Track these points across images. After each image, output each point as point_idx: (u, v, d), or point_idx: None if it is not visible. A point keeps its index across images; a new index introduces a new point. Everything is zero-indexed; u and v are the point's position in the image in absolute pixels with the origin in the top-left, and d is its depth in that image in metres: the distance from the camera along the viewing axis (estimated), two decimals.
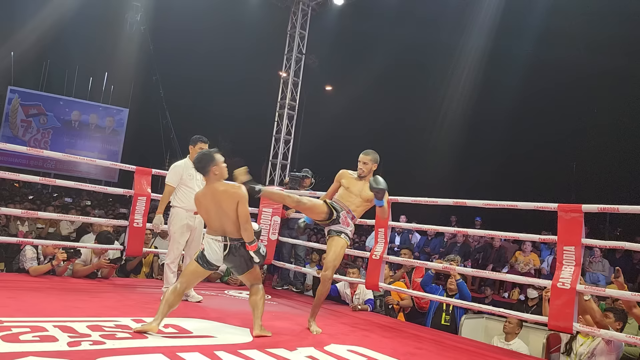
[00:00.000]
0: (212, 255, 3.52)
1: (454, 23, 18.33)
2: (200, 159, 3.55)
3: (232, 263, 3.57)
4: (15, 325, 3.01)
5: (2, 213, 7.35)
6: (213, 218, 3.54)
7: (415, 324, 5.19)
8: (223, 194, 3.50)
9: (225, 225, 3.51)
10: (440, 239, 9.89)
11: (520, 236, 4.73)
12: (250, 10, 13.95)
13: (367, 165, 4.19)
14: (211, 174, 3.52)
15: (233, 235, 3.52)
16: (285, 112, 12.51)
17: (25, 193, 14.60)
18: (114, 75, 21.02)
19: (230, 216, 3.49)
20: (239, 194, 3.50)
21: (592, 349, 4.05)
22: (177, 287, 3.49)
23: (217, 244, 3.51)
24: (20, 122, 19.14)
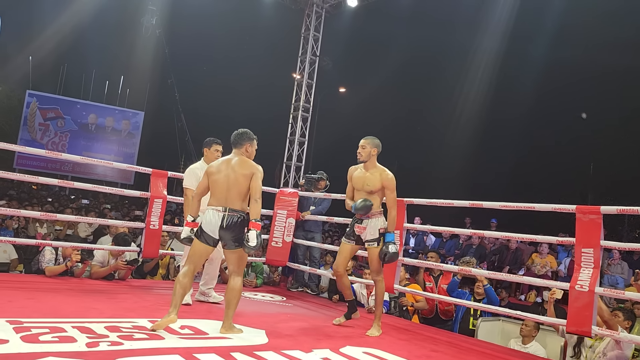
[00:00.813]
0: (208, 225, 3.55)
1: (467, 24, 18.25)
2: (241, 133, 3.77)
3: (225, 236, 3.55)
4: (35, 326, 3.05)
5: (22, 215, 7.46)
6: (220, 186, 3.59)
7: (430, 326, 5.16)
8: (241, 161, 3.66)
9: (230, 194, 3.56)
10: (455, 240, 9.83)
11: (537, 238, 4.68)
12: (264, 14, 14.03)
13: (366, 149, 4.12)
14: (243, 149, 3.74)
15: (233, 207, 3.55)
16: (299, 114, 12.54)
17: (44, 195, 14.80)
18: (130, 79, 21.26)
19: (239, 183, 3.57)
20: (256, 167, 3.67)
21: (603, 349, 4.01)
22: (185, 270, 3.58)
23: (216, 213, 3.54)
24: (38, 126, 19.42)
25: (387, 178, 4.09)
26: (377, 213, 4.11)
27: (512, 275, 6.42)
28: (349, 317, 4.32)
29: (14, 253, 6.34)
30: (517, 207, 4.42)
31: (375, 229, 4.08)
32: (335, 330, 4.09)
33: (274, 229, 6.09)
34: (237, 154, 3.74)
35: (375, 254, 4.05)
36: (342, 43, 17.35)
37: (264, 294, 5.75)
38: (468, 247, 9.38)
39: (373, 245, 4.08)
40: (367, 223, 4.11)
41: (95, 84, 20.67)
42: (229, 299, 3.57)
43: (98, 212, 10.55)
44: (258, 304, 5.08)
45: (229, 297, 3.57)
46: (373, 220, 4.10)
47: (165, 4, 18.69)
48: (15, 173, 5.67)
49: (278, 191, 6.31)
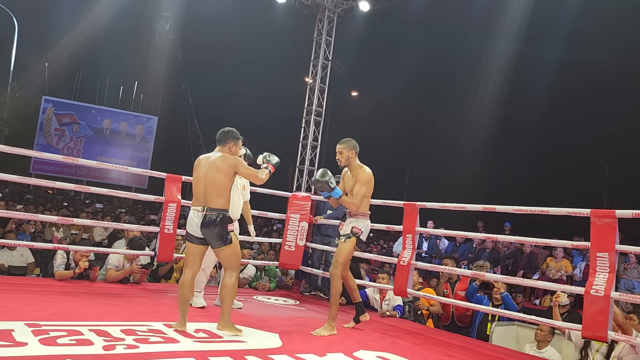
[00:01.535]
0: (190, 226, 3.57)
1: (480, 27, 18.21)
2: (227, 131, 3.75)
3: (207, 235, 3.55)
4: (53, 329, 3.10)
5: (39, 219, 7.57)
6: (198, 185, 3.60)
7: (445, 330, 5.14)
8: (222, 157, 3.63)
9: (207, 192, 3.54)
10: (468, 244, 9.77)
11: (552, 242, 4.65)
12: (276, 19, 14.12)
13: (343, 155, 4.15)
14: (226, 148, 3.71)
15: (212, 205, 3.53)
16: (312, 118, 12.58)
17: (60, 200, 14.99)
18: (144, 84, 21.52)
19: (216, 180, 3.54)
20: (235, 158, 3.66)
21: (618, 353, 3.97)
22: (184, 276, 3.60)
23: (196, 213, 3.55)
24: (54, 131, 19.69)
25: (359, 173, 4.14)
26: (360, 214, 4.13)
27: (527, 280, 6.36)
28: (357, 320, 4.33)
29: (30, 257, 6.43)
30: (531, 210, 4.39)
31: (349, 226, 4.13)
32: (348, 334, 4.09)
33: (287, 232, 6.12)
34: (219, 150, 3.72)
35: (340, 247, 4.10)
36: (354, 47, 17.39)
37: (277, 297, 5.78)
38: (481, 251, 9.32)
39: (341, 240, 4.13)
40: (347, 220, 4.19)
41: (109, 89, 20.95)
42: (223, 295, 3.58)
43: (113, 217, 10.66)
44: (271, 308, 5.11)
45: (223, 293, 3.58)
46: (352, 219, 4.15)
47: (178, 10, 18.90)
48: (32, 178, 5.76)
49: (291, 195, 6.34)
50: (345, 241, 4.09)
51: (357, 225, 4.10)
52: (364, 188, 4.09)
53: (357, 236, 4.09)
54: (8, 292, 4.23)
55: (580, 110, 19.55)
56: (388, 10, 12.98)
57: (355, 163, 4.18)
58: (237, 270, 3.68)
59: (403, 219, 5.14)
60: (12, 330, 2.97)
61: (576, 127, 19.57)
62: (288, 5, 12.35)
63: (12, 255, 6.17)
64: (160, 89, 21.94)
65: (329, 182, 3.96)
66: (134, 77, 21.38)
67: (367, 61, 22.60)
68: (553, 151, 20.75)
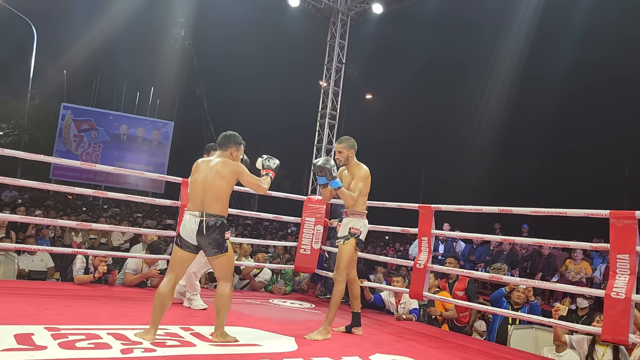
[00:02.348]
0: (185, 231, 3.39)
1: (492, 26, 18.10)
2: (230, 135, 3.60)
3: (203, 242, 3.38)
4: (72, 333, 3.15)
5: (58, 224, 7.68)
6: (197, 189, 3.45)
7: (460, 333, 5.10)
8: (223, 162, 3.49)
9: (206, 197, 3.39)
10: (486, 247, 9.68)
11: (571, 244, 4.58)
12: (290, 23, 14.18)
13: (343, 154, 4.09)
14: (228, 153, 3.56)
15: (210, 211, 3.38)
16: (326, 121, 12.60)
17: (79, 205, 15.20)
18: (160, 90, 21.71)
19: (216, 185, 3.41)
20: (239, 165, 3.54)
21: (637, 357, 3.90)
22: (166, 280, 3.39)
23: (193, 219, 3.37)
24: (72, 137, 19.97)
25: (356, 170, 4.09)
26: (357, 214, 4.06)
27: (545, 283, 6.29)
28: (349, 329, 4.19)
29: (50, 261, 6.52)
30: (549, 212, 4.34)
31: (347, 227, 4.05)
32: (364, 338, 4.08)
33: (302, 236, 6.13)
34: (220, 155, 3.56)
35: (340, 250, 4.01)
36: (368, 50, 17.39)
37: (293, 301, 5.78)
38: (499, 253, 9.23)
39: (340, 242, 4.05)
40: (343, 221, 4.11)
41: (126, 95, 21.18)
42: (218, 305, 3.40)
43: (131, 221, 10.77)
44: (287, 311, 5.11)
45: (218, 304, 3.40)
46: (348, 219, 4.07)
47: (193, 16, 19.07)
48: (51, 184, 5.85)
49: (306, 199, 6.35)
50: (344, 243, 4.00)
51: (355, 226, 4.02)
52: (361, 183, 4.02)
53: (356, 237, 4.00)
54: (28, 296, 4.29)
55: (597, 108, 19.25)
56: (401, 12, 12.96)
57: (354, 162, 4.15)
58: (231, 280, 3.52)
59: (418, 222, 5.11)
60: (32, 334, 3.01)
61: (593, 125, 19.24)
62: (301, 9, 12.40)
63: (32, 260, 6.26)
64: (176, 95, 22.15)
65: (332, 170, 3.86)
66: (150, 83, 21.59)
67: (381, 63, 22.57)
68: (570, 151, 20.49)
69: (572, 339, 4.24)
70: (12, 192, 13.68)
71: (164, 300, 3.31)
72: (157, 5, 19.85)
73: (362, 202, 4.08)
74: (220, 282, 3.47)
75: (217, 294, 3.43)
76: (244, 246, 6.67)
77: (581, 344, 4.17)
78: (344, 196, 3.99)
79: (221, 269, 3.47)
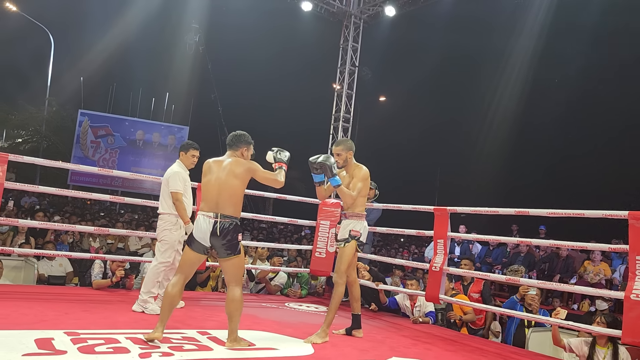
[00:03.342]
0: (198, 232, 3.36)
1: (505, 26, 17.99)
2: (240, 135, 3.58)
3: (216, 244, 3.35)
4: (91, 337, 3.19)
5: (77, 230, 7.78)
6: (210, 190, 3.41)
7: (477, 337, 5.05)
8: (235, 162, 3.47)
9: (220, 198, 3.36)
10: (502, 248, 9.59)
11: (589, 246, 4.53)
12: (302, 27, 14.21)
13: (341, 156, 4.07)
14: (239, 153, 3.55)
15: (225, 212, 3.35)
16: (340, 124, 12.60)
17: (96, 210, 15.39)
18: (175, 95, 21.92)
19: (230, 186, 3.38)
20: (251, 163, 3.52)
21: None
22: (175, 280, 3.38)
23: (206, 219, 3.34)
24: (90, 143, 20.25)
25: (356, 170, 4.06)
26: (355, 215, 4.04)
27: (564, 285, 6.21)
28: (349, 332, 4.16)
29: (69, 266, 6.62)
30: (566, 213, 4.29)
31: (347, 230, 4.01)
32: (380, 341, 4.07)
33: (317, 239, 6.13)
34: (230, 155, 3.55)
35: (341, 253, 3.99)
36: (381, 52, 17.37)
37: (309, 304, 5.79)
38: (516, 255, 9.13)
39: (340, 245, 4.02)
40: (342, 223, 4.08)
41: (142, 101, 21.42)
42: (231, 311, 3.34)
43: (147, 226, 10.88)
44: (303, 315, 5.12)
45: (230, 309, 3.34)
46: (348, 221, 4.05)
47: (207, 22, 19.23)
48: (70, 190, 5.93)
49: (321, 202, 6.35)
50: (345, 245, 3.98)
51: (355, 228, 3.99)
52: (360, 183, 4.00)
53: (357, 238, 3.98)
54: (48, 301, 4.36)
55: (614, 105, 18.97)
56: (414, 14, 12.92)
57: (352, 163, 4.14)
58: (242, 283, 3.51)
59: (434, 224, 5.09)
60: (52, 338, 3.06)
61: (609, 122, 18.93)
62: (314, 13, 12.43)
63: (51, 265, 6.36)
64: (190, 100, 22.34)
65: (332, 167, 3.82)
66: (165, 89, 21.82)
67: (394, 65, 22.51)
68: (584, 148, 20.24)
69: (571, 342, 4.18)
70: (32, 198, 13.89)
71: (173, 300, 3.32)
72: (171, 12, 20.06)
73: (361, 203, 4.06)
74: (231, 285, 3.43)
75: (229, 299, 3.39)
76: (259, 250, 6.70)
77: (580, 347, 4.12)
78: (343, 195, 3.95)
79: (232, 271, 3.43)
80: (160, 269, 4.44)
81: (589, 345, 4.09)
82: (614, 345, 4.00)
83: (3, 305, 3.92)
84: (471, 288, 5.73)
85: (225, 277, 3.50)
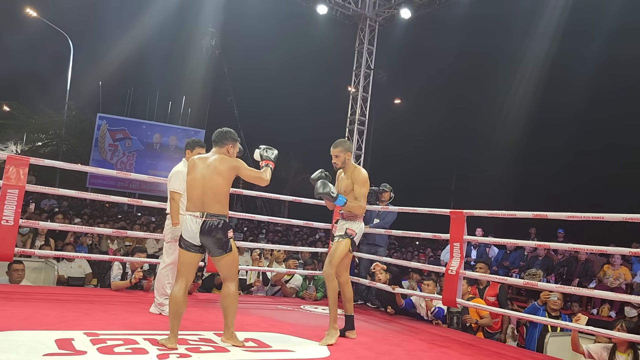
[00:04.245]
0: (188, 232, 3.33)
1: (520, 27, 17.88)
2: (225, 131, 3.55)
3: (207, 243, 3.33)
4: (110, 338, 3.23)
5: (95, 232, 7.89)
6: (195, 188, 3.37)
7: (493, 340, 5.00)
8: (220, 159, 3.43)
9: (206, 197, 3.33)
10: (520, 252, 9.49)
11: (609, 249, 4.46)
12: (318, 31, 14.26)
13: (340, 158, 4.09)
14: (224, 150, 3.51)
15: (212, 211, 3.31)
16: (355, 127, 12.60)
17: (114, 213, 15.57)
18: (191, 99, 22.11)
19: (216, 184, 3.34)
20: (236, 160, 3.48)
21: None
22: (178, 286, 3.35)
23: (194, 219, 3.32)
24: (108, 147, 20.50)
25: (355, 173, 4.06)
26: (353, 216, 4.06)
27: (583, 289, 6.12)
28: (342, 333, 4.08)
29: (88, 268, 6.71)
30: (585, 217, 4.23)
31: (343, 228, 4.05)
32: (396, 345, 4.06)
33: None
34: (216, 152, 3.50)
35: (335, 247, 4.00)
36: (396, 55, 17.35)
37: (324, 307, 5.77)
38: (534, 258, 9.03)
39: (337, 239, 4.03)
40: (340, 223, 4.12)
41: (159, 104, 21.65)
42: (225, 306, 3.38)
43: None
44: (319, 317, 5.12)
45: (225, 304, 3.38)
46: (345, 221, 4.08)
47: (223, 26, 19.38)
48: (88, 192, 6.01)
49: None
50: (340, 241, 4.00)
51: (352, 227, 4.02)
52: (363, 189, 4.02)
53: (351, 238, 4.00)
54: (68, 302, 4.43)
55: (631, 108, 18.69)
56: (429, 16, 12.89)
57: (351, 164, 4.15)
58: (236, 280, 3.48)
59: (450, 227, 5.05)
60: (72, 339, 3.11)
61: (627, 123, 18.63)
62: (329, 16, 12.47)
63: (70, 266, 6.46)
64: (206, 103, 22.53)
65: (330, 193, 3.89)
66: (181, 92, 22.03)
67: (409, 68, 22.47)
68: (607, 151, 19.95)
69: (590, 348, 4.11)
70: (51, 200, 14.12)
71: (178, 307, 3.29)
72: (187, 17, 20.30)
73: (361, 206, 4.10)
74: (225, 282, 3.44)
75: (223, 295, 3.41)
76: (275, 252, 6.72)
77: (600, 353, 4.05)
78: (353, 209, 4.00)
79: (226, 269, 3.42)
80: (169, 270, 4.47)
81: (608, 351, 4.03)
82: (634, 352, 3.94)
83: (25, 306, 4.00)
84: (487, 292, 5.68)
85: (220, 274, 3.49)
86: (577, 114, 19.42)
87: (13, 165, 4.58)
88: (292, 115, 23.75)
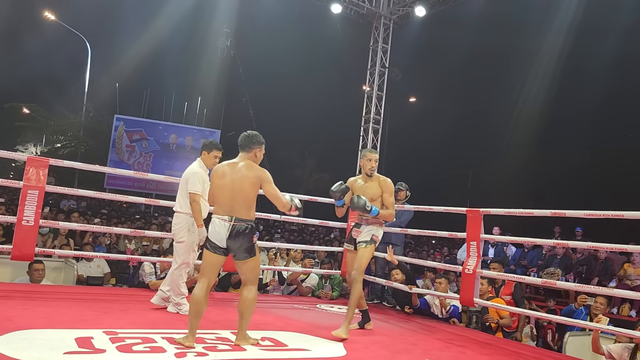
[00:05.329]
0: (215, 235, 3.37)
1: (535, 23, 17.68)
2: (252, 135, 3.55)
3: (233, 247, 3.37)
4: (129, 337, 3.27)
5: (113, 232, 7.98)
6: (225, 193, 3.41)
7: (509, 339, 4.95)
8: (248, 166, 3.47)
9: (235, 202, 3.37)
10: (538, 250, 9.38)
11: (629, 248, 4.39)
12: (332, 29, 14.25)
13: (376, 164, 4.38)
14: (252, 154, 3.54)
15: (240, 216, 3.37)
16: (370, 126, 12.57)
17: (132, 213, 15.74)
18: (206, 99, 22.24)
19: (245, 190, 3.39)
20: (263, 170, 3.48)
21: None
22: (200, 285, 3.37)
23: (222, 223, 3.36)
24: (125, 148, 20.71)
25: (386, 183, 4.35)
26: (378, 223, 4.29)
27: (602, 288, 6.02)
28: (362, 326, 4.45)
29: (106, 267, 6.80)
30: (604, 215, 4.17)
31: (369, 234, 4.25)
32: (413, 344, 4.05)
33: None
34: (243, 157, 3.53)
35: (362, 253, 4.19)
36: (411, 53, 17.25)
37: (340, 306, 5.78)
38: (552, 257, 8.90)
39: (362, 245, 4.23)
40: (364, 228, 4.31)
41: (175, 105, 21.81)
42: (243, 310, 3.40)
43: None
44: (335, 317, 5.12)
45: (243, 308, 3.40)
46: (369, 227, 4.29)
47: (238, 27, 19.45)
48: (106, 193, 6.09)
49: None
50: (366, 247, 4.21)
51: (376, 234, 4.26)
52: (392, 197, 4.31)
53: (376, 244, 4.25)
54: (87, 301, 4.49)
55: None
56: (444, 14, 12.80)
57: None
58: (257, 284, 3.53)
59: (466, 226, 5.02)
60: (92, 337, 3.16)
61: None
62: (344, 15, 12.45)
63: (89, 266, 6.55)
64: (222, 104, 22.64)
65: (366, 207, 4.11)
66: (197, 93, 22.16)
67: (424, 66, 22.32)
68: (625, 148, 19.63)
69: (610, 348, 4.05)
70: (70, 201, 14.32)
71: (199, 307, 3.32)
72: (202, 18, 20.38)
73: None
74: (247, 285, 3.47)
75: (242, 298, 3.43)
76: (292, 252, 6.73)
77: (621, 353, 3.98)
78: (384, 217, 4.25)
79: (248, 273, 3.46)
80: (182, 270, 4.51)
81: (630, 352, 3.97)
82: None
83: (45, 305, 4.06)
84: (502, 290, 5.63)
85: (242, 277, 3.52)
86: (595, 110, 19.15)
87: (33, 167, 4.66)
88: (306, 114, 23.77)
